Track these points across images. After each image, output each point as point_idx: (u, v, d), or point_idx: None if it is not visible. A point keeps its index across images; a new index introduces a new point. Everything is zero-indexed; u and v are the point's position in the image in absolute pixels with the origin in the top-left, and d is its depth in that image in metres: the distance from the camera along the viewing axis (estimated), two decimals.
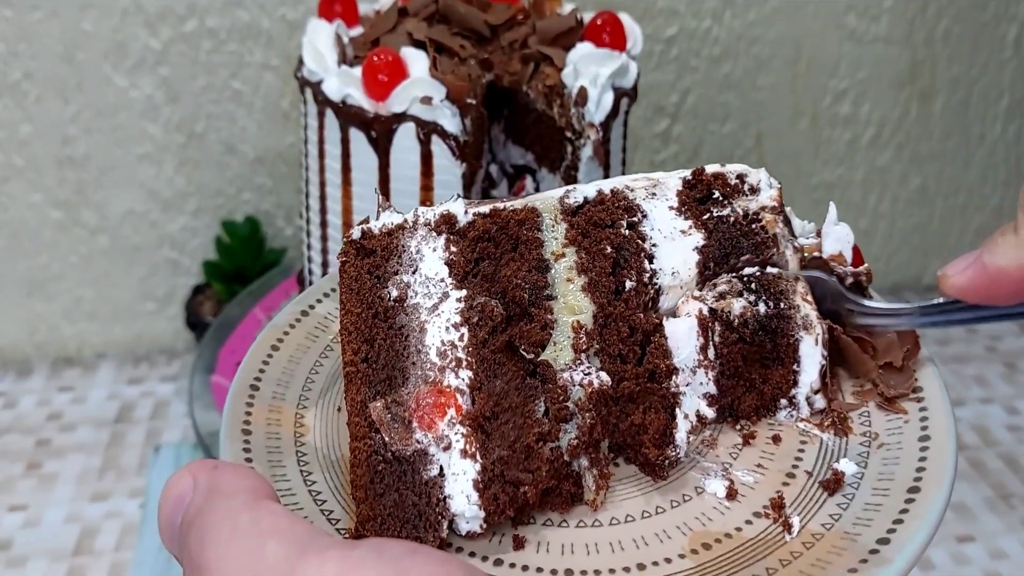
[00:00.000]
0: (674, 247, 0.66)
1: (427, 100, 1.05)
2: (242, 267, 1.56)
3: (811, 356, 0.66)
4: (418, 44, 1.12)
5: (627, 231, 0.66)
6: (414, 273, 0.62)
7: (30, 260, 1.54)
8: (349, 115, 1.09)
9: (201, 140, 1.53)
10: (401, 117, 1.06)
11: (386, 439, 0.57)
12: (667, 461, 0.62)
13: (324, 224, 1.19)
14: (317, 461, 0.63)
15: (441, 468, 0.58)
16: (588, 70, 1.11)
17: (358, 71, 1.07)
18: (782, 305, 0.66)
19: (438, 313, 0.61)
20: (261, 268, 1.57)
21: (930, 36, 1.68)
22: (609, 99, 1.12)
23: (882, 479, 0.60)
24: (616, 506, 0.61)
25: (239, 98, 1.52)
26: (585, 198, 0.66)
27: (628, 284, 0.65)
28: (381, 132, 1.08)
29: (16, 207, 1.50)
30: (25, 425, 1.45)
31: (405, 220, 0.63)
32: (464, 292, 0.62)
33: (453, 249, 0.63)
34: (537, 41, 1.15)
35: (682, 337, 0.63)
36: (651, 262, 0.66)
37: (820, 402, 0.66)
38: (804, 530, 0.57)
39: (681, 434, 0.62)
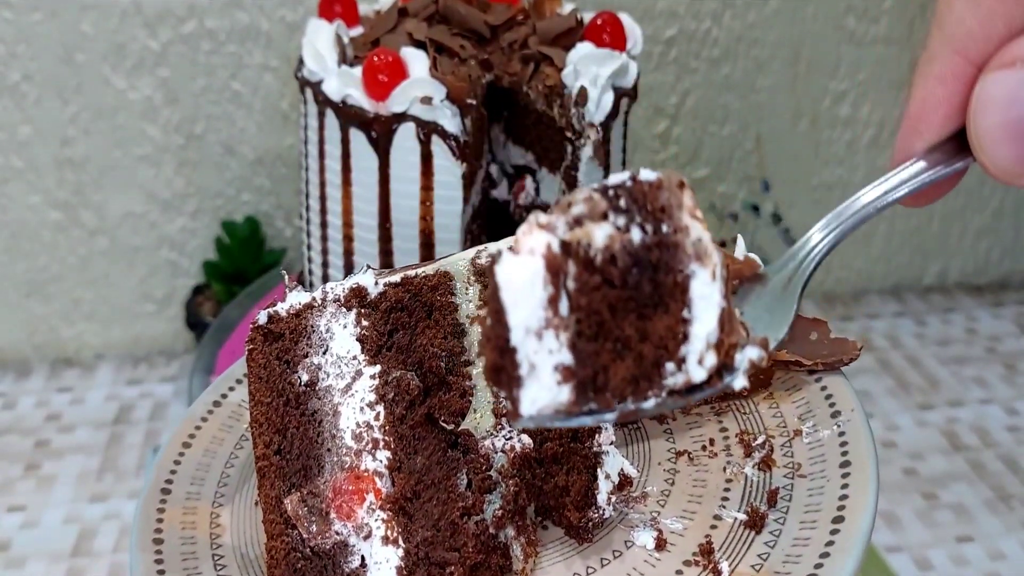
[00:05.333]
0: None
1: (427, 100, 1.05)
2: (242, 268, 1.56)
3: (706, 297, 0.48)
4: (418, 44, 1.12)
5: None
6: (325, 354, 0.60)
7: (29, 261, 1.54)
8: (349, 115, 1.09)
9: (200, 141, 1.53)
10: (401, 117, 1.06)
11: (304, 534, 0.55)
12: (590, 523, 0.59)
13: (324, 225, 1.19)
14: (235, 562, 0.60)
15: (363, 558, 0.55)
16: (588, 70, 1.10)
17: (358, 71, 1.07)
18: (664, 228, 0.47)
19: (351, 393, 0.59)
20: (261, 269, 1.57)
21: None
22: (609, 99, 1.12)
23: (808, 511, 0.58)
24: (546, 572, 0.59)
25: (238, 99, 1.52)
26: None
27: None
28: (381, 132, 1.08)
29: (15, 208, 1.50)
30: (24, 426, 1.45)
31: (313, 299, 0.61)
32: (378, 368, 0.60)
33: (365, 323, 0.61)
34: (537, 41, 1.15)
35: (520, 289, 0.44)
36: None
37: (711, 359, 0.48)
38: (735, 574, 0.56)
39: (603, 495, 0.59)
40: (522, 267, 0.44)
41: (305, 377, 0.60)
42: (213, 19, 1.46)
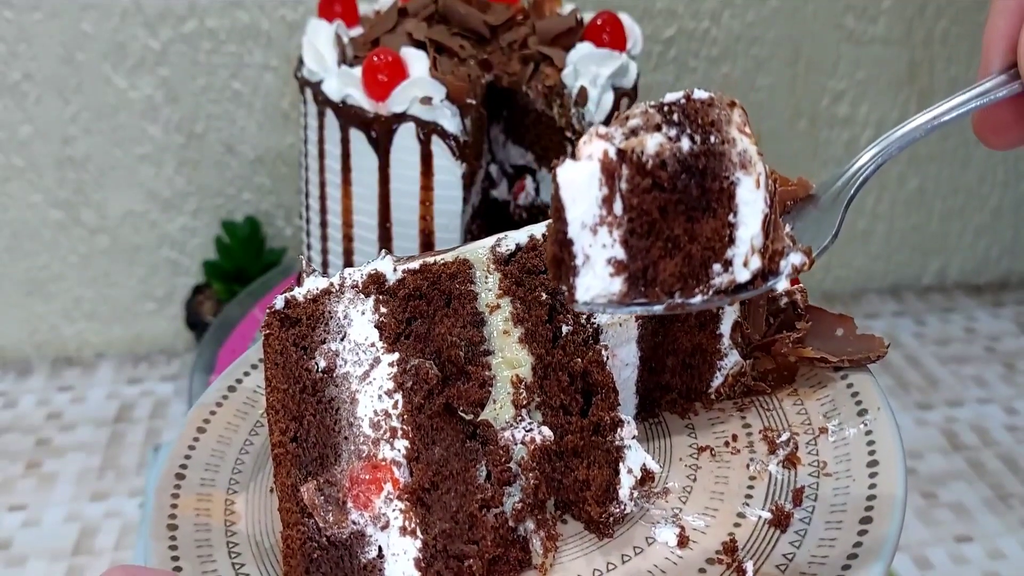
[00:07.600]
0: None
1: (427, 100, 1.05)
2: (242, 267, 1.56)
3: (751, 203, 0.52)
4: (418, 44, 1.12)
5: None
6: (342, 340, 0.59)
7: (30, 260, 1.54)
8: (349, 115, 1.09)
9: (201, 140, 1.53)
10: (401, 117, 1.07)
11: (320, 524, 0.54)
12: (611, 519, 0.59)
13: (324, 224, 1.19)
14: (250, 550, 0.60)
15: (380, 549, 0.55)
16: (588, 70, 1.11)
17: (358, 71, 1.07)
18: (712, 139, 0.51)
19: (369, 381, 0.58)
20: (261, 268, 1.57)
21: (928, 37, 1.68)
22: (609, 99, 1.12)
23: (834, 510, 0.58)
24: (565, 568, 0.58)
25: (239, 98, 1.52)
26: (517, 245, 0.64)
27: (565, 329, 0.62)
28: (381, 132, 1.08)
29: (16, 207, 1.50)
30: (25, 424, 1.45)
31: (331, 284, 0.61)
32: (396, 355, 0.59)
33: (383, 310, 0.60)
34: (537, 41, 1.15)
35: (578, 188, 0.50)
36: None
37: (756, 262, 0.53)
38: (759, 573, 0.55)
39: (624, 490, 0.59)
40: (581, 169, 0.50)
41: (322, 363, 0.59)
42: (213, 18, 1.46)
